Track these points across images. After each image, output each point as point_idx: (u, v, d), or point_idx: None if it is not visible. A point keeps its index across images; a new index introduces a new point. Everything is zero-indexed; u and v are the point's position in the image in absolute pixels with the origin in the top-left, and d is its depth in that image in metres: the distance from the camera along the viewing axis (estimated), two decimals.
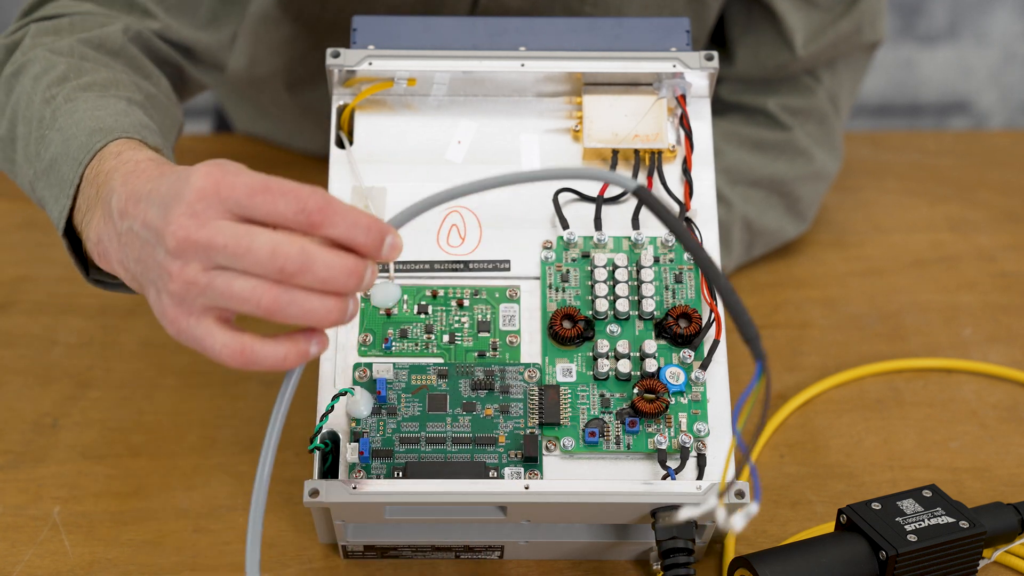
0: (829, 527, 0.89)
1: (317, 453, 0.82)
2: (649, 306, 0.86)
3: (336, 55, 0.91)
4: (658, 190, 0.90)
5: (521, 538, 0.86)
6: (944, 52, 2.24)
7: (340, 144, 0.91)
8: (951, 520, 0.85)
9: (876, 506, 0.85)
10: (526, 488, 0.80)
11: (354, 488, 0.79)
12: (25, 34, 0.95)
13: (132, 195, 0.75)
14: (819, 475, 0.96)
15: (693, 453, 0.83)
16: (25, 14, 0.98)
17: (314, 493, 0.79)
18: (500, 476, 0.82)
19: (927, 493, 0.87)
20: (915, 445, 0.99)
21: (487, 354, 0.86)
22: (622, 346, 0.85)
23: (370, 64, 0.91)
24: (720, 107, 1.14)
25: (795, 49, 1.10)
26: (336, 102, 0.92)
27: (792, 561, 0.83)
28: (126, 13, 0.98)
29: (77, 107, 0.86)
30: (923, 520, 0.84)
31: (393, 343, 0.86)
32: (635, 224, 0.89)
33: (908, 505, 0.86)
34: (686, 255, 0.88)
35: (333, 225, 0.70)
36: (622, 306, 0.86)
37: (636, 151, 0.91)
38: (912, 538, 0.83)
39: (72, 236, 0.86)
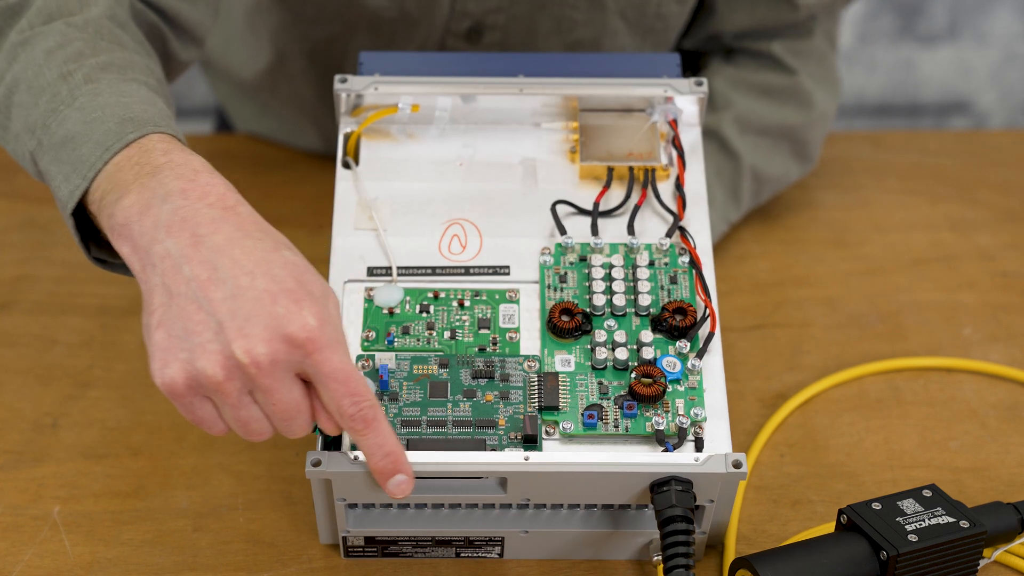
0: (829, 527, 0.89)
1: (320, 435, 0.83)
2: (645, 301, 0.88)
3: (344, 80, 0.95)
4: (651, 203, 0.93)
5: (521, 528, 0.86)
6: (944, 52, 2.24)
7: (346, 166, 0.95)
8: (951, 520, 0.85)
9: (876, 506, 0.85)
10: (526, 459, 0.81)
11: (355, 458, 0.80)
12: (31, 1, 0.92)
13: (191, 229, 0.76)
14: (819, 475, 0.96)
15: (691, 437, 0.84)
16: None
17: (316, 463, 0.80)
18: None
19: (927, 493, 0.87)
20: (915, 445, 0.99)
21: (487, 349, 0.87)
22: (619, 336, 0.87)
23: (376, 89, 0.95)
24: (725, 52, 1.17)
25: (797, 6, 1.12)
26: (343, 129, 0.96)
27: (793, 561, 0.83)
28: None
29: (100, 89, 0.85)
30: (923, 520, 0.85)
31: (395, 339, 0.87)
32: (630, 231, 0.91)
33: (908, 505, 0.86)
34: (680, 259, 0.90)
35: (365, 437, 0.77)
36: (619, 301, 0.88)
37: (630, 168, 0.94)
38: (913, 538, 0.83)
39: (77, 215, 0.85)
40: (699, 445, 0.83)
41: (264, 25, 1.19)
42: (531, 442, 0.83)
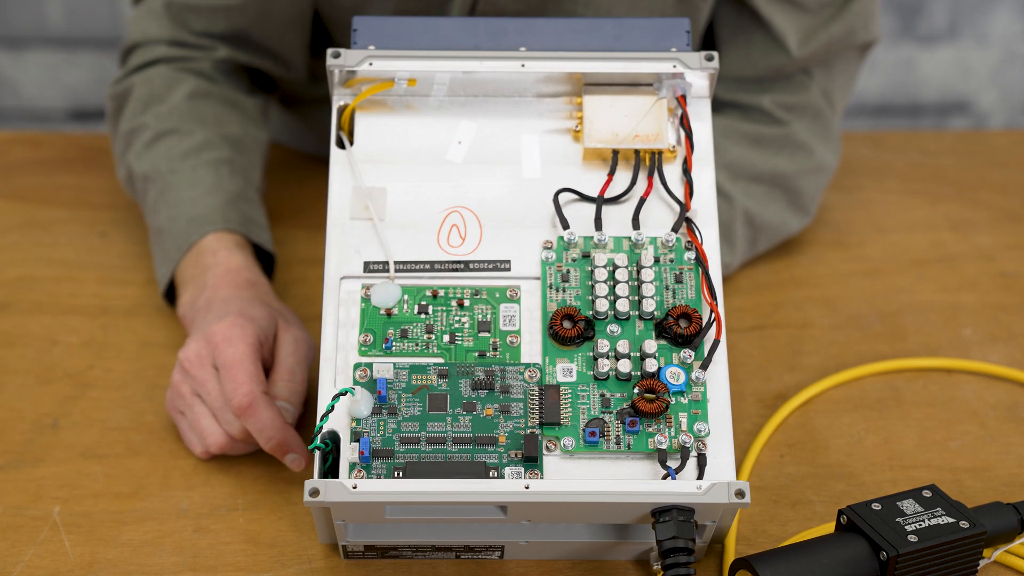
0: (829, 527, 0.89)
1: (317, 453, 0.82)
2: (649, 306, 0.86)
3: (336, 55, 0.91)
4: (658, 190, 0.90)
5: (522, 538, 0.86)
6: (944, 52, 2.24)
7: (340, 144, 0.91)
8: (951, 520, 0.85)
9: (876, 506, 0.85)
10: (526, 488, 0.80)
11: (354, 488, 0.79)
12: (132, 88, 1.11)
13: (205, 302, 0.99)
14: (819, 475, 0.96)
15: (693, 453, 0.83)
16: (122, 57, 1.14)
17: (314, 493, 0.79)
18: (500, 476, 0.82)
19: (927, 493, 0.87)
20: (915, 445, 0.99)
21: (487, 354, 0.86)
22: (622, 346, 0.85)
23: (370, 64, 0.91)
24: (715, 105, 1.14)
25: (790, 51, 1.09)
26: (336, 102, 0.92)
27: (793, 562, 0.83)
28: (204, 49, 1.12)
29: (178, 183, 1.06)
30: (923, 520, 0.84)
31: (393, 343, 0.86)
32: (635, 224, 0.89)
33: (908, 505, 0.86)
34: (686, 255, 0.88)
35: (246, 422, 0.91)
36: (622, 306, 0.86)
37: (636, 151, 0.91)
38: (912, 538, 0.83)
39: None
40: (701, 462, 0.83)
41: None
42: (531, 461, 0.83)
